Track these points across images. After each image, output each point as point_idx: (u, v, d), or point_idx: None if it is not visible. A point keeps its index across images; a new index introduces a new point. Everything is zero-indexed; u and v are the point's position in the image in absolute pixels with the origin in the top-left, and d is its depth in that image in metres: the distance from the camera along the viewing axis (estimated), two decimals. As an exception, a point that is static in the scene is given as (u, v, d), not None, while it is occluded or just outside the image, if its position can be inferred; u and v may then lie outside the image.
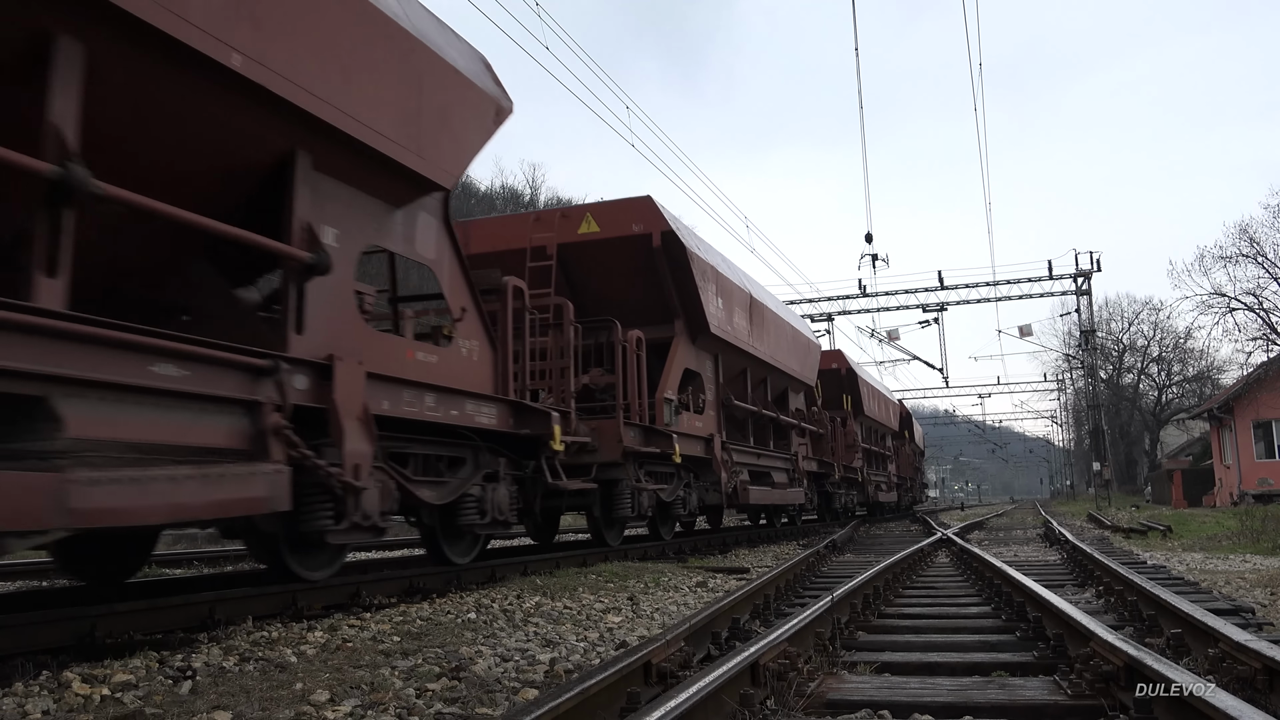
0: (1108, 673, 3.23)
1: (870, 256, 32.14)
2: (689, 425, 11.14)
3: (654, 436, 10.11)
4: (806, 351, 17.73)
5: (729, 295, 12.53)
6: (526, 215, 11.64)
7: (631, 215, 11.09)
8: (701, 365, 12.05)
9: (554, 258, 10.70)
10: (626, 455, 9.37)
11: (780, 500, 15.06)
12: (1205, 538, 13.76)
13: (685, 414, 11.06)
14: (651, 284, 11.09)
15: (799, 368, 16.83)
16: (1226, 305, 34.70)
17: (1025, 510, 41.20)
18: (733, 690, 3.02)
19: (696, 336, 11.69)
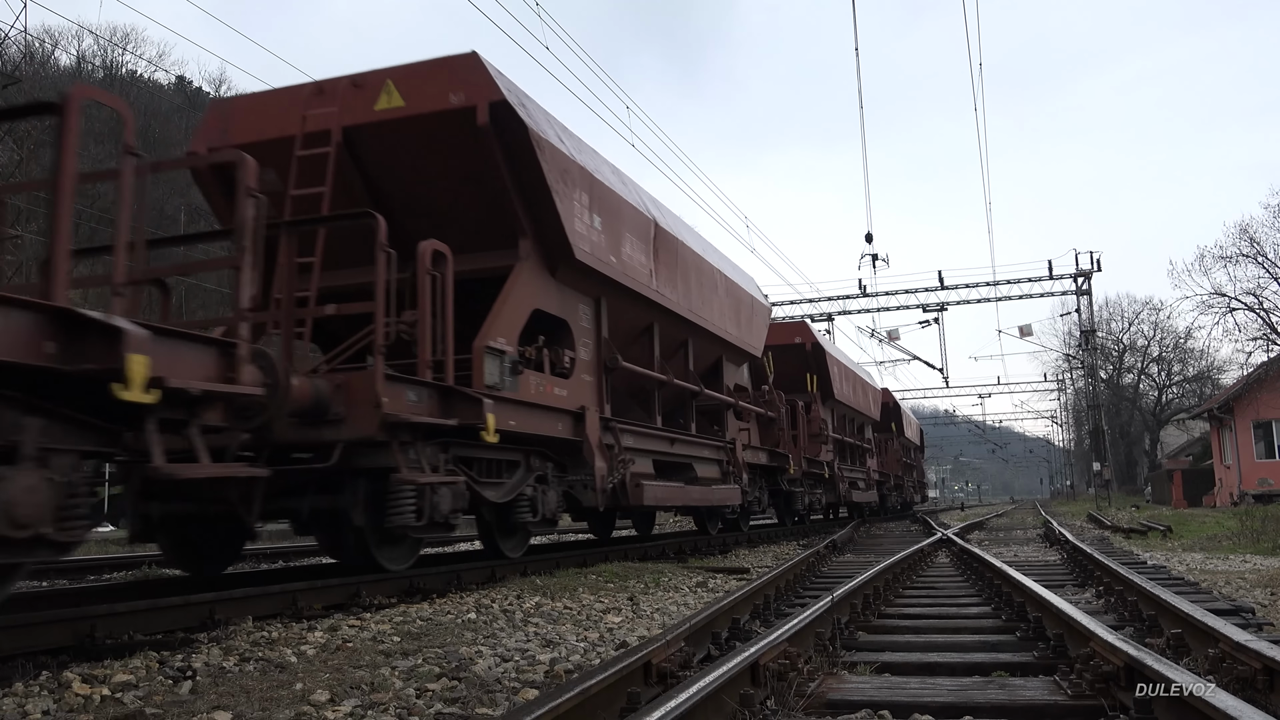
0: (1108, 673, 3.22)
1: (870, 256, 32.19)
2: (538, 392, 7.86)
3: (457, 403, 6.54)
4: (751, 314, 14.26)
5: (614, 214, 9.17)
6: (304, 87, 8.08)
7: (448, 80, 7.57)
8: (569, 310, 8.77)
9: (338, 144, 7.62)
10: (394, 428, 5.89)
11: (701, 500, 11.32)
12: (1205, 538, 13.76)
13: (532, 376, 7.82)
14: (484, 185, 7.74)
15: (739, 333, 13.47)
16: (1226, 305, 34.75)
17: (1025, 510, 41.20)
18: (733, 690, 3.02)
19: (557, 266, 8.36)
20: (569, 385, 8.49)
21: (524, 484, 7.75)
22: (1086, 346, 40.58)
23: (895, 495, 28.76)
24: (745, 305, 13.92)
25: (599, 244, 8.83)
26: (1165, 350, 54.66)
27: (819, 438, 17.70)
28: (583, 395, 8.72)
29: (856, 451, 22.42)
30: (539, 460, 8.02)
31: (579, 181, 8.43)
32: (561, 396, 8.29)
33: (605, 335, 9.39)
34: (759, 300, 14.92)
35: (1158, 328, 54.62)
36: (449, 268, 6.56)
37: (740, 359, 14.10)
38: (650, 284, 10.16)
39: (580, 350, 8.87)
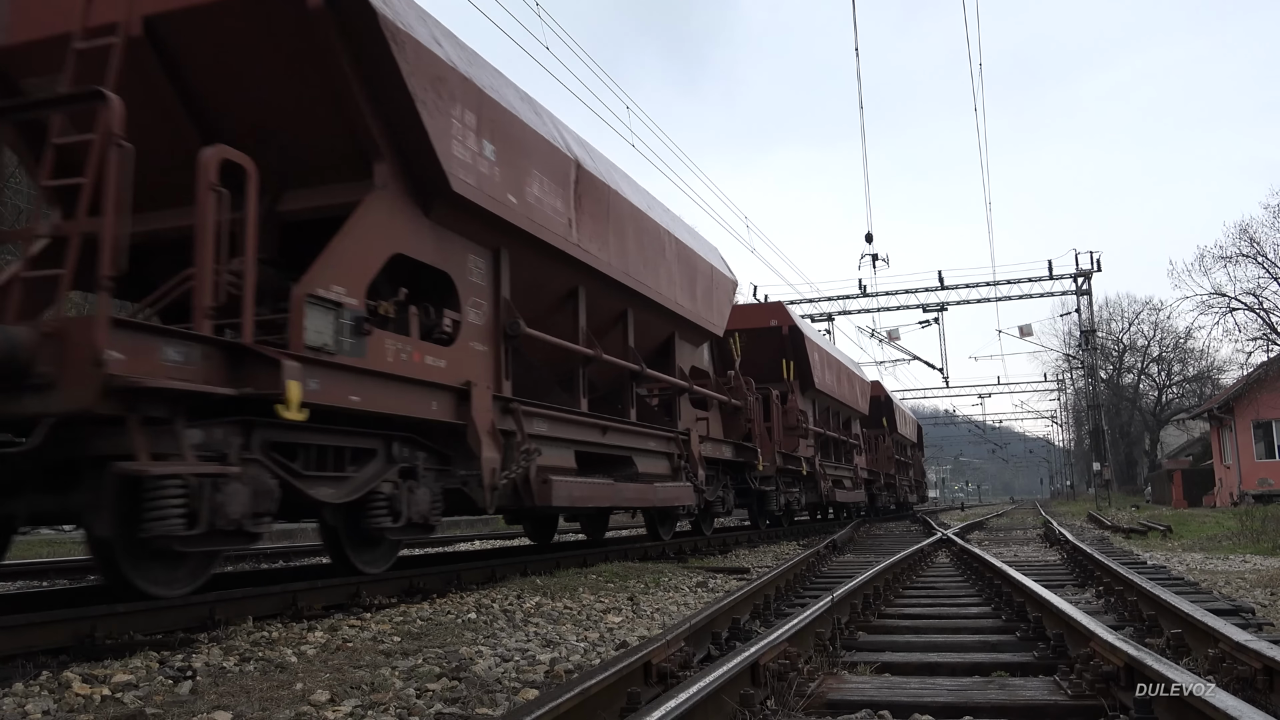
0: (1108, 673, 3.22)
1: (870, 256, 32.17)
2: (399, 361, 6.05)
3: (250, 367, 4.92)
4: (711, 286, 12.26)
5: (517, 146, 7.32)
6: None
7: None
8: (453, 260, 6.86)
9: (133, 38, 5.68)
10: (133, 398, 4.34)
11: (637, 500, 9.55)
12: (1205, 538, 13.76)
13: (389, 339, 5.99)
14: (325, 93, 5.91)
15: (694, 306, 11.60)
16: (1226, 305, 34.76)
17: (1025, 510, 41.21)
18: (733, 690, 3.02)
19: (431, 203, 6.48)
20: (450, 355, 6.61)
21: (379, 479, 6.02)
22: (1086, 346, 40.58)
23: (887, 495, 26.97)
24: (703, 276, 11.97)
25: (491, 178, 6.87)
26: (1165, 350, 54.70)
27: (796, 430, 15.83)
28: (470, 368, 6.84)
29: (841, 447, 20.50)
30: (405, 449, 6.31)
31: (462, 97, 6.59)
32: (437, 368, 6.43)
33: (506, 295, 7.44)
34: (721, 272, 12.80)
35: (1158, 328, 54.67)
36: (253, 187, 5.11)
37: (698, 338, 12.26)
38: (569, 236, 8.15)
39: (469, 312, 6.94)
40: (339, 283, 5.61)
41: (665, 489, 10.15)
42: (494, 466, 6.85)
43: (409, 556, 10.58)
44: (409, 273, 6.48)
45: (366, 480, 5.96)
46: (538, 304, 8.25)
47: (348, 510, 6.03)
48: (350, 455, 5.90)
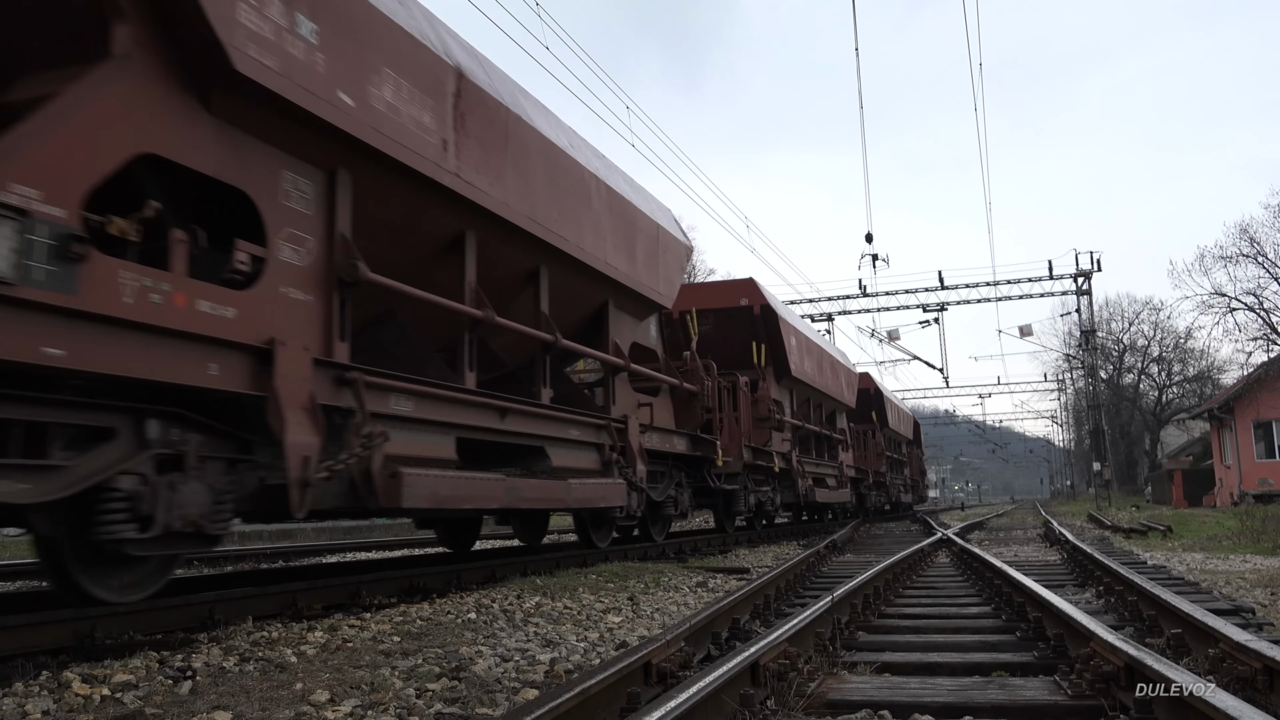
0: (1108, 673, 3.22)
1: (870, 256, 32.16)
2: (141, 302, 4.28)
3: None
4: (656, 248, 10.20)
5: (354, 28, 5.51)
6: None
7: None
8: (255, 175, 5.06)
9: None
10: None
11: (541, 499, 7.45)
12: (1205, 538, 13.76)
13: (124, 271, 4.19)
14: None
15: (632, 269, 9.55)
16: (1227, 305, 34.77)
17: (1025, 510, 41.21)
18: (733, 690, 3.02)
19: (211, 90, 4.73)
20: (245, 302, 4.88)
21: (113, 470, 4.37)
22: (1086, 346, 40.59)
23: (878, 495, 25.29)
24: (647, 235, 9.98)
25: (309, 66, 5.12)
26: (1165, 350, 54.74)
27: (768, 422, 13.96)
28: (280, 322, 5.10)
29: (824, 443, 18.60)
30: (168, 429, 4.66)
31: None
32: (221, 318, 4.71)
33: (345, 231, 5.67)
34: (671, 234, 10.83)
35: (1158, 328, 54.71)
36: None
37: (640, 309, 10.34)
38: (443, 162, 6.36)
39: (281, 248, 5.19)
40: (29, 182, 3.88)
41: (586, 487, 8.09)
42: (308, 454, 5.06)
43: (412, 557, 10.55)
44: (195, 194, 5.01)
45: (93, 471, 4.31)
46: (407, 250, 6.65)
47: (71, 515, 4.45)
48: (69, 435, 4.27)
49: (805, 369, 16.15)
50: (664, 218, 10.80)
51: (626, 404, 9.66)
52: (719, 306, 14.34)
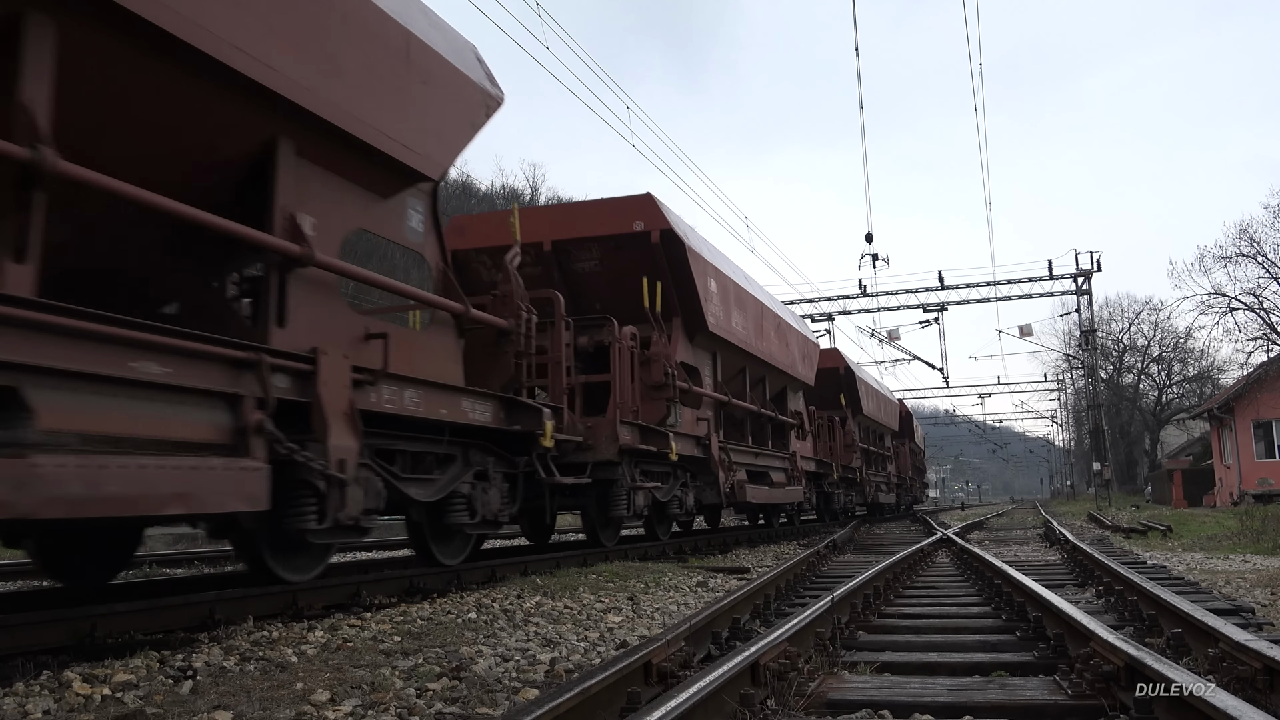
0: (1108, 672, 3.23)
1: (870, 256, 32.18)
2: None
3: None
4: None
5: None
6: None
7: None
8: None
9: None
10: None
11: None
12: (1205, 538, 13.77)
13: None
14: None
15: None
16: (1227, 305, 34.74)
17: (1025, 510, 41.22)
18: (733, 690, 3.02)
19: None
20: None
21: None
22: (1086, 346, 40.60)
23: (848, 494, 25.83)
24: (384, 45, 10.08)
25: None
26: (1165, 350, 54.74)
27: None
28: None
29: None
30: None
31: None
32: None
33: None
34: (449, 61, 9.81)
35: (1158, 328, 54.71)
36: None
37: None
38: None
39: None
40: None
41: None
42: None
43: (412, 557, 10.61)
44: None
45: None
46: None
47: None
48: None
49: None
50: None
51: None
52: (604, 233, 10.76)
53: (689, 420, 11.14)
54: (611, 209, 10.89)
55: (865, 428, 19.87)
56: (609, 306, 10.40)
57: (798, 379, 16.34)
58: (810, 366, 17.47)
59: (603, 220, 10.81)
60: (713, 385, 12.24)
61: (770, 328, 14.61)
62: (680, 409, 10.57)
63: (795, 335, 16.41)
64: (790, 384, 16.22)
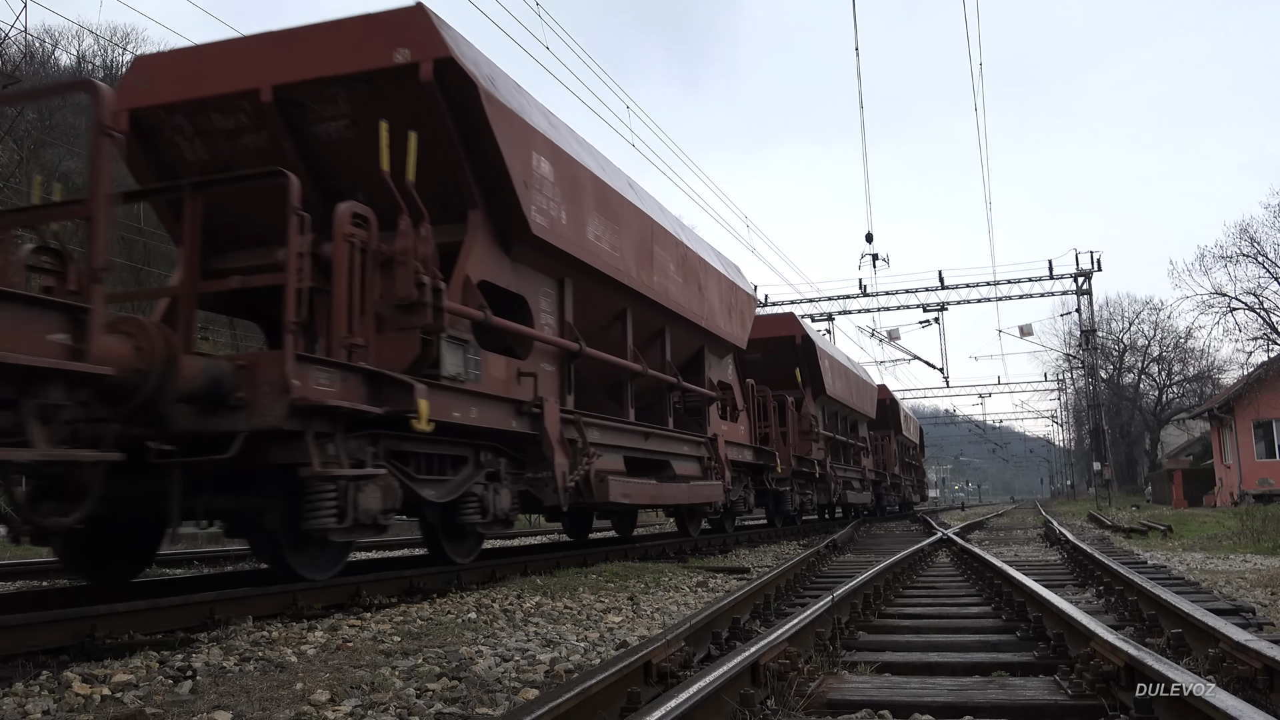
0: (1108, 672, 3.22)
1: (871, 256, 32.21)
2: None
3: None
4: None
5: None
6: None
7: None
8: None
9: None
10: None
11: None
12: (1206, 538, 13.76)
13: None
14: None
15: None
16: (1227, 305, 34.78)
17: (1025, 510, 41.22)
18: (733, 690, 3.02)
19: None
20: None
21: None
22: (1087, 346, 40.60)
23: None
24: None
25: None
26: (1165, 350, 54.78)
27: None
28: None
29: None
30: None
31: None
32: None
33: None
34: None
35: (1158, 327, 54.75)
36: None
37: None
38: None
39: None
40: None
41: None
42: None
43: (412, 557, 10.59)
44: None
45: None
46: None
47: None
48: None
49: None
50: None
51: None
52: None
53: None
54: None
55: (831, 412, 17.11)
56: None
57: (722, 339, 12.82)
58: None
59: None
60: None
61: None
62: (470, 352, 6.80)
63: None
64: (710, 344, 12.72)
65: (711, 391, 12.34)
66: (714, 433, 12.12)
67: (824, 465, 16.70)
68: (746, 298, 14.30)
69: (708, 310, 12.06)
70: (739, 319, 13.60)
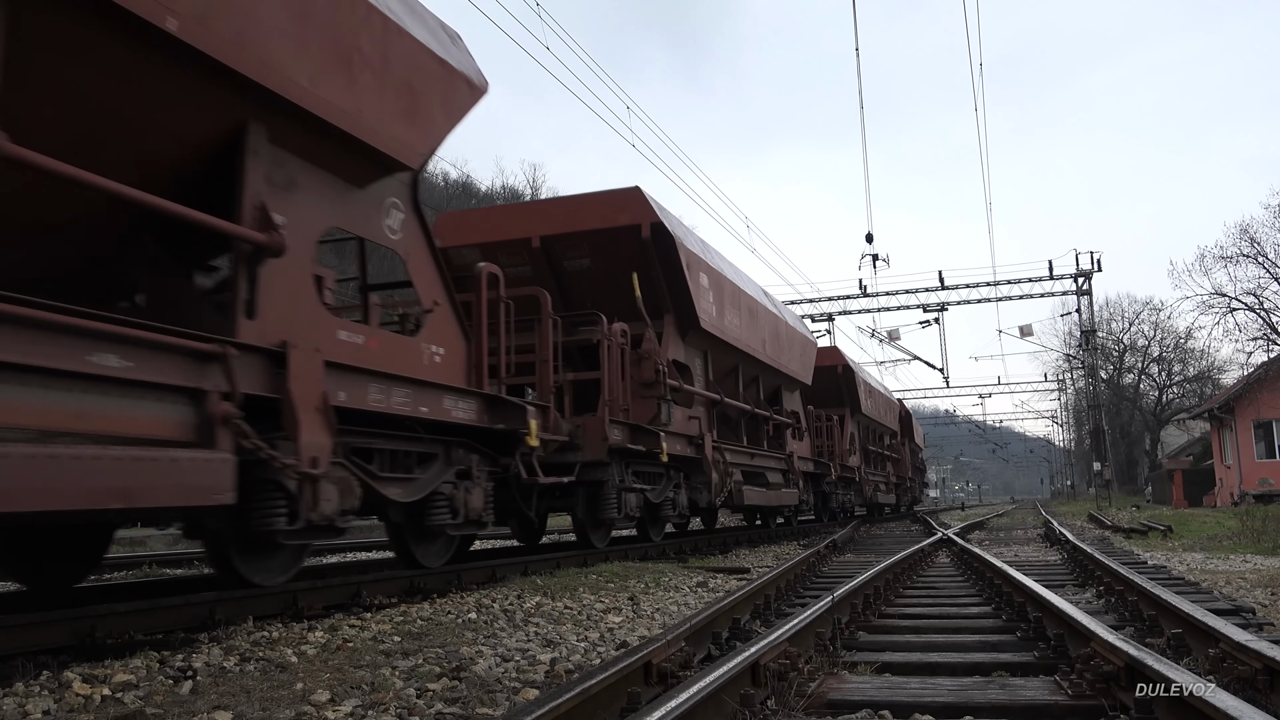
0: (1108, 673, 3.22)
1: (871, 256, 32.18)
2: None
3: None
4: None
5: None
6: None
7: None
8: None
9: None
10: None
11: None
12: (1206, 538, 13.76)
13: None
14: None
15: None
16: (1227, 305, 34.74)
17: (1026, 510, 41.20)
18: (733, 690, 3.02)
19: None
20: None
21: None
22: (1087, 346, 40.59)
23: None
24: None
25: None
26: (1165, 350, 54.74)
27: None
28: None
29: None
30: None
31: None
32: None
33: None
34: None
35: (1158, 328, 54.71)
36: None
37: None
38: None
39: None
40: None
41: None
42: None
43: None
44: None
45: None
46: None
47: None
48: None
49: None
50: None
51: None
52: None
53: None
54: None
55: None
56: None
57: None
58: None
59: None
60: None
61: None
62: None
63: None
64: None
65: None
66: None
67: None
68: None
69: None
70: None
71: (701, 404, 11.80)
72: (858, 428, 21.47)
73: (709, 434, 11.67)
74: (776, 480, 14.75)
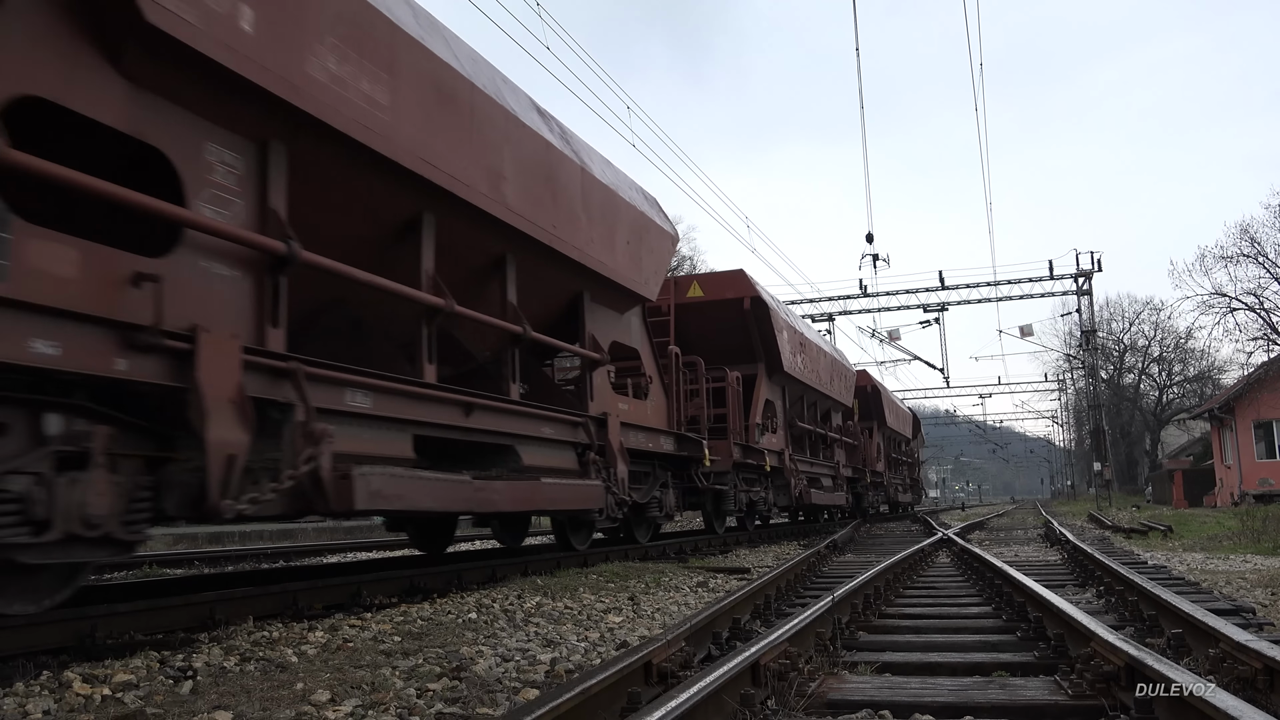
0: (1108, 673, 3.22)
1: (871, 256, 32.15)
2: None
3: None
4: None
5: None
6: None
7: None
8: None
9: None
10: None
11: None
12: (1206, 538, 13.76)
13: None
14: None
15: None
16: (1227, 305, 34.72)
17: (1026, 510, 41.19)
18: (733, 690, 3.02)
19: None
20: None
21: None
22: (1087, 346, 40.58)
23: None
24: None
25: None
26: (1166, 350, 54.77)
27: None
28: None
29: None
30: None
31: None
32: None
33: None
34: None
35: (1158, 328, 54.74)
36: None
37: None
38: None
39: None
40: None
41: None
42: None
43: (409, 557, 10.57)
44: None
45: None
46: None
47: None
48: None
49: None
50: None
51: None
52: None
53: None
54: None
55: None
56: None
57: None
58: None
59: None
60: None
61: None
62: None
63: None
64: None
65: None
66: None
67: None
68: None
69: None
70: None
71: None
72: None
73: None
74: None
